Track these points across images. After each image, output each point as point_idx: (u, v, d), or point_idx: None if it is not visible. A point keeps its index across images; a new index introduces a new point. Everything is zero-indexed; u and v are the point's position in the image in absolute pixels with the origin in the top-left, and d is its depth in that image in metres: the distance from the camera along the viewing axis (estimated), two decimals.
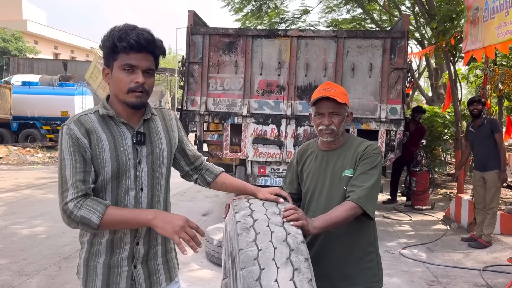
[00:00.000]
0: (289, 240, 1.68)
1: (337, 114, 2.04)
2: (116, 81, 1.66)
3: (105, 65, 1.70)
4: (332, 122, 2.04)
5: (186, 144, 1.97)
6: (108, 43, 1.63)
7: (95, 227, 1.57)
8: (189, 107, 5.89)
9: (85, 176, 1.62)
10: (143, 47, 1.62)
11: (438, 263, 5.08)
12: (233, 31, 5.95)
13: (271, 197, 1.95)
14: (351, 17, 15.78)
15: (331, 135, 2.06)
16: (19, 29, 34.16)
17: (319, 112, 2.07)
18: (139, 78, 1.63)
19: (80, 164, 1.62)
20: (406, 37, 5.66)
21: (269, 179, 5.92)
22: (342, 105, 2.05)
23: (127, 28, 1.62)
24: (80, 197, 1.59)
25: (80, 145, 1.63)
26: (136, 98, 1.65)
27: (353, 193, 1.95)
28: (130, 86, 1.64)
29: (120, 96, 1.67)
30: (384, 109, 5.64)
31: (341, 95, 2.04)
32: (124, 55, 1.62)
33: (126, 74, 1.64)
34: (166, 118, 1.88)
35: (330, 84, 2.09)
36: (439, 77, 13.15)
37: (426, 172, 8.25)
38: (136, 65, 1.63)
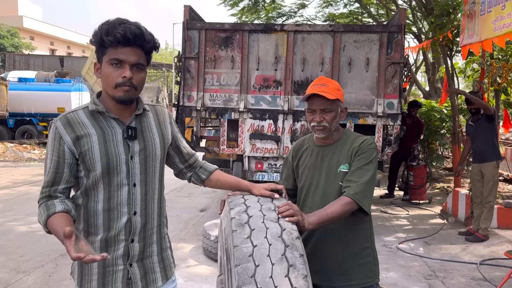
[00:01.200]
0: (284, 236, 1.67)
1: (328, 110, 2.03)
2: (105, 75, 1.64)
3: (97, 60, 1.68)
4: (323, 119, 2.03)
5: (181, 141, 1.95)
6: (96, 38, 1.61)
7: (46, 232, 1.62)
8: (185, 102, 5.86)
9: (55, 178, 1.65)
10: (131, 41, 1.60)
11: (435, 257, 5.10)
12: (229, 26, 5.92)
13: (266, 192, 1.94)
14: (348, 11, 15.73)
15: (323, 131, 2.05)
16: (14, 25, 33.92)
17: (310, 109, 2.06)
18: (126, 73, 1.61)
19: (54, 164, 1.65)
20: (403, 31, 5.64)
21: (266, 175, 5.91)
22: (334, 101, 2.03)
23: (115, 22, 1.60)
24: (43, 200, 1.64)
25: (61, 144, 1.64)
26: (124, 93, 1.63)
27: (349, 189, 1.94)
28: (118, 81, 1.62)
29: (109, 91, 1.66)
30: (381, 104, 5.62)
31: (333, 90, 2.02)
32: (112, 49, 1.60)
33: (114, 68, 1.62)
34: (159, 114, 1.86)
35: (323, 80, 2.07)
36: (436, 71, 13.14)
37: (423, 167, 8.26)
38: (124, 59, 1.61)
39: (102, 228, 1.69)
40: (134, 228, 1.72)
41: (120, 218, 1.70)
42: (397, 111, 5.62)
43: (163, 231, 1.87)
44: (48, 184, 1.66)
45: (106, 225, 1.70)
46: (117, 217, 1.70)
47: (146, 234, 1.77)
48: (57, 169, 1.65)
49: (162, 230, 1.86)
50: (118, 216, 1.70)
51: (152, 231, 1.79)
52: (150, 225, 1.78)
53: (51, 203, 1.62)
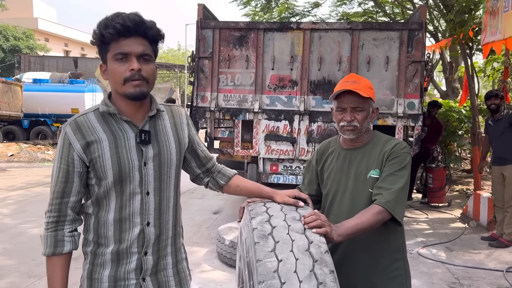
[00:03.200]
0: (312, 249, 1.52)
1: (360, 109, 1.88)
2: (111, 73, 1.51)
3: (102, 61, 1.55)
4: (354, 118, 1.87)
5: (198, 144, 1.81)
6: (96, 35, 1.48)
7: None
8: (199, 103, 5.74)
9: (65, 188, 1.54)
10: (132, 30, 1.47)
11: (458, 264, 4.89)
12: (244, 24, 5.79)
13: (290, 200, 1.79)
14: (363, 10, 15.49)
15: (354, 132, 1.90)
16: (30, 27, 34.33)
17: (340, 107, 1.90)
18: (134, 65, 1.47)
19: (63, 173, 1.54)
20: (424, 28, 5.45)
21: (282, 177, 5.76)
22: (366, 100, 1.88)
23: (113, 15, 1.48)
24: (53, 220, 1.56)
25: (70, 152, 1.52)
26: (134, 88, 1.49)
27: (381, 196, 1.78)
28: (126, 75, 1.48)
29: (118, 89, 1.52)
30: (402, 104, 5.43)
31: (366, 88, 1.87)
32: (114, 44, 1.48)
33: (120, 63, 1.48)
34: (175, 115, 1.72)
35: (354, 77, 1.92)
36: (454, 71, 12.84)
37: (442, 169, 8.02)
38: (129, 52, 1.47)
39: (113, 240, 1.57)
40: (147, 240, 1.59)
41: (132, 229, 1.57)
42: (418, 111, 5.43)
43: (179, 241, 1.74)
44: (58, 195, 1.54)
45: (117, 236, 1.57)
46: (129, 228, 1.57)
47: (161, 246, 1.63)
48: (67, 178, 1.53)
49: (177, 241, 1.72)
50: (130, 227, 1.57)
51: (166, 243, 1.66)
52: (165, 236, 1.65)
53: (61, 238, 1.54)
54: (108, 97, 1.60)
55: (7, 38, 31.49)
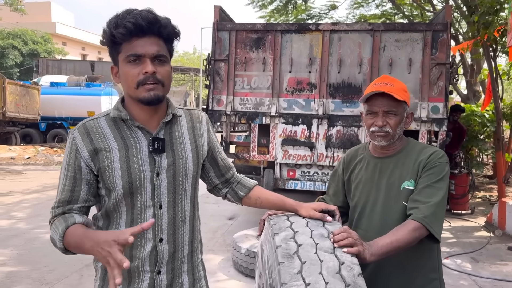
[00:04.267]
0: (343, 272, 1.35)
1: (393, 113, 1.70)
2: (124, 76, 1.38)
3: (113, 63, 1.42)
4: (387, 123, 1.70)
5: (219, 152, 1.66)
6: (106, 35, 1.35)
7: (61, 250, 1.36)
8: (215, 106, 5.61)
9: (71, 196, 1.40)
10: (145, 29, 1.33)
11: (485, 276, 4.65)
12: (261, 26, 5.64)
13: (317, 214, 1.62)
14: (381, 12, 15.23)
15: (385, 138, 1.72)
16: (48, 31, 34.82)
17: (372, 111, 1.72)
18: (148, 68, 1.34)
19: (69, 181, 1.40)
20: (449, 29, 5.22)
21: (299, 183, 5.59)
22: (400, 103, 1.71)
23: (124, 13, 1.34)
24: (56, 217, 1.41)
25: (77, 158, 1.39)
26: (148, 92, 1.36)
27: (417, 211, 1.60)
28: (139, 78, 1.35)
29: (131, 93, 1.39)
30: (425, 108, 5.22)
31: (400, 91, 1.70)
32: (126, 44, 1.34)
33: (132, 66, 1.35)
34: (195, 121, 1.57)
35: (388, 78, 1.75)
36: (476, 74, 12.50)
37: (465, 175, 7.74)
38: (142, 53, 1.34)
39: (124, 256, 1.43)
40: (160, 258, 1.45)
41: (144, 246, 1.43)
42: (442, 115, 5.20)
43: (196, 258, 1.58)
44: (64, 204, 1.41)
45: (128, 254, 1.43)
46: (141, 245, 1.43)
47: (175, 264, 1.49)
48: (74, 187, 1.40)
49: (194, 258, 1.57)
50: (142, 244, 1.43)
51: (182, 260, 1.51)
52: (180, 254, 1.50)
53: (69, 215, 1.37)
54: (121, 101, 1.47)
55: (26, 42, 31.99)
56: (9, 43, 31.02)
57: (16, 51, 31.28)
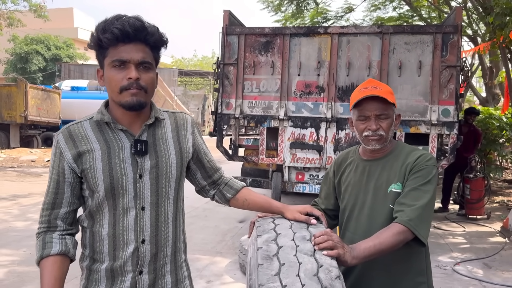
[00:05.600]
0: (321, 274, 1.35)
1: (385, 116, 1.70)
2: (108, 80, 1.41)
3: (99, 66, 1.46)
4: (380, 127, 1.70)
5: (205, 154, 1.68)
6: (93, 39, 1.39)
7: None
8: (223, 110, 5.66)
9: (55, 199, 1.46)
10: (131, 36, 1.37)
11: (497, 282, 4.55)
12: (269, 30, 5.66)
13: (301, 217, 1.63)
14: (398, 14, 15.08)
15: (379, 141, 1.72)
16: (70, 37, 35.65)
17: (363, 115, 1.72)
18: (132, 73, 1.37)
19: (53, 183, 1.47)
20: (459, 31, 5.14)
21: (308, 186, 5.57)
22: (390, 106, 1.71)
23: (112, 18, 1.38)
24: (42, 229, 1.48)
25: (61, 161, 1.45)
26: (131, 97, 1.39)
27: (402, 214, 1.60)
28: (122, 84, 1.38)
29: (114, 97, 1.43)
30: (436, 111, 5.14)
31: (388, 94, 1.70)
32: (112, 49, 1.38)
33: (117, 71, 1.39)
34: (179, 123, 1.60)
35: (374, 82, 1.75)
36: (494, 76, 12.26)
37: (481, 179, 7.58)
38: (127, 59, 1.38)
39: (108, 256, 1.47)
40: (142, 259, 1.48)
41: (126, 246, 1.46)
42: (453, 118, 5.12)
43: (180, 258, 1.61)
44: (48, 207, 1.48)
45: (112, 253, 1.47)
46: (123, 246, 1.46)
47: (158, 264, 1.51)
48: (57, 189, 1.46)
49: (178, 258, 1.59)
50: (124, 245, 1.46)
51: (165, 261, 1.54)
52: (163, 254, 1.53)
53: (49, 240, 1.44)
54: (105, 105, 1.51)
55: (48, 48, 32.82)
56: (33, 49, 31.89)
57: (39, 56, 32.13)
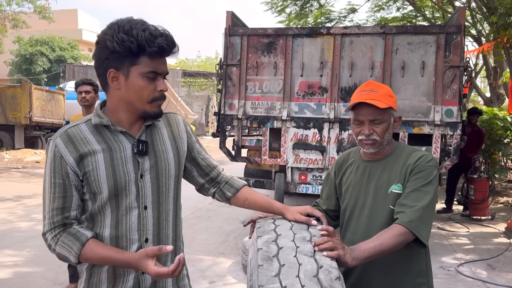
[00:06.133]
0: (320, 275, 1.35)
1: (379, 121, 1.70)
2: (137, 89, 1.42)
3: (113, 67, 1.42)
4: (373, 131, 1.70)
5: (198, 152, 1.70)
6: (132, 45, 1.36)
7: (75, 263, 1.44)
8: (226, 111, 5.67)
9: (64, 203, 1.43)
10: (169, 52, 1.42)
11: (501, 283, 4.53)
12: (272, 31, 5.67)
13: (302, 218, 1.63)
14: (401, 15, 15.05)
15: (373, 146, 1.73)
16: (74, 38, 35.76)
17: (357, 120, 1.73)
18: (163, 86, 1.44)
19: (59, 188, 1.43)
20: (463, 31, 5.12)
21: (311, 187, 5.57)
22: (386, 110, 1.70)
23: (149, 28, 1.39)
24: (58, 229, 1.44)
25: (62, 165, 1.42)
26: (159, 108, 1.47)
27: (403, 215, 1.60)
28: (155, 95, 1.44)
29: (139, 105, 1.45)
30: (439, 111, 5.13)
31: (384, 97, 1.69)
32: (148, 59, 1.39)
33: (149, 81, 1.42)
34: (172, 124, 1.62)
35: (372, 85, 1.74)
36: (499, 76, 12.21)
37: (485, 180, 7.55)
38: (160, 72, 1.43)
39: None
40: None
41: (129, 246, 1.47)
42: (456, 119, 5.10)
43: None
44: (58, 212, 1.43)
45: None
46: (126, 245, 1.47)
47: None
48: (65, 193, 1.43)
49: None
50: (128, 244, 1.47)
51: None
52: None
53: (75, 231, 1.42)
54: (99, 107, 1.52)
55: (53, 49, 32.94)
56: (37, 50, 32.02)
57: (44, 58, 32.25)
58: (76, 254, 1.40)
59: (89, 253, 1.40)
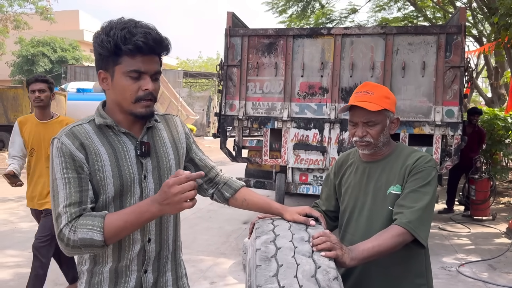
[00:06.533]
0: (318, 276, 1.36)
1: (373, 123, 1.70)
2: (120, 89, 1.41)
3: (102, 69, 1.44)
4: (367, 133, 1.71)
5: (195, 153, 1.71)
6: (109, 45, 1.36)
7: (101, 244, 1.34)
8: (227, 111, 5.67)
9: (81, 197, 1.38)
10: (151, 49, 1.38)
11: (502, 284, 4.52)
12: (273, 31, 5.67)
13: (300, 218, 1.63)
14: (403, 15, 15.05)
15: (368, 147, 1.74)
16: (76, 39, 35.83)
17: (352, 121, 1.75)
18: (148, 85, 1.40)
19: (74, 183, 1.38)
20: (463, 32, 5.12)
21: (311, 187, 5.56)
22: (380, 112, 1.70)
23: (129, 26, 1.36)
24: (74, 221, 1.35)
25: (76, 160, 1.39)
26: (145, 108, 1.43)
27: (401, 216, 1.60)
28: (138, 94, 1.41)
29: (125, 105, 1.43)
30: (440, 112, 5.13)
31: (379, 99, 1.69)
32: (129, 58, 1.38)
33: (132, 81, 1.40)
34: (171, 125, 1.63)
35: (368, 86, 1.75)
36: (500, 76, 12.19)
37: (486, 180, 7.54)
38: (144, 70, 1.39)
39: (112, 257, 1.47)
40: (148, 258, 1.50)
41: (132, 246, 1.48)
42: (457, 119, 5.10)
43: (179, 256, 1.65)
44: (75, 206, 1.36)
45: (117, 254, 1.47)
46: (129, 245, 1.47)
47: (161, 262, 1.55)
48: (81, 187, 1.39)
49: (177, 255, 1.63)
50: (130, 245, 1.48)
51: (167, 258, 1.57)
52: (165, 252, 1.56)
53: (87, 214, 1.37)
54: (101, 107, 1.52)
55: (55, 50, 33.00)
56: (39, 51, 32.08)
57: (45, 59, 32.31)
58: (100, 228, 1.33)
59: (112, 223, 1.34)
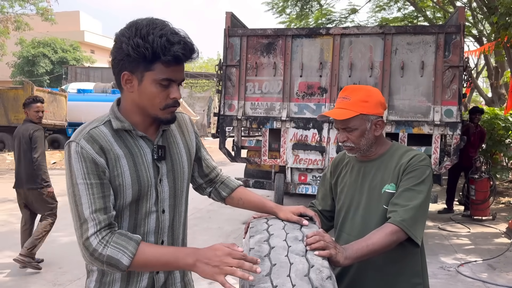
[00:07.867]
0: (311, 275, 1.35)
1: (350, 129, 1.70)
2: (149, 95, 1.37)
3: (127, 70, 1.37)
4: (347, 138, 1.72)
5: (202, 152, 1.71)
6: (147, 52, 1.30)
7: (124, 269, 1.32)
8: (226, 111, 5.68)
9: (106, 203, 1.35)
10: (185, 59, 1.35)
11: (501, 284, 4.51)
12: (271, 31, 5.68)
13: (294, 217, 1.63)
14: (403, 15, 15.04)
15: (351, 151, 1.77)
16: (77, 40, 35.87)
17: (335, 127, 1.80)
18: (176, 94, 1.39)
19: (97, 188, 1.34)
20: (462, 31, 5.12)
21: (310, 187, 5.57)
22: (356, 118, 1.68)
23: (167, 33, 1.31)
24: (105, 231, 1.33)
25: (98, 165, 1.35)
26: (171, 114, 1.43)
27: (395, 214, 1.60)
28: (167, 102, 1.39)
29: (152, 111, 1.40)
30: (438, 111, 5.12)
31: (354, 105, 1.68)
32: (163, 67, 1.33)
33: (162, 88, 1.36)
34: (181, 124, 1.61)
35: (347, 91, 1.74)
36: (500, 76, 12.17)
37: (486, 180, 7.53)
38: (175, 79, 1.37)
39: None
40: None
41: None
42: (456, 119, 5.09)
43: None
44: (102, 212, 1.33)
45: None
46: None
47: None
48: (103, 192, 1.35)
49: None
50: None
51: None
52: None
53: (124, 233, 1.35)
54: (116, 108, 1.47)
55: (55, 51, 33.03)
56: (40, 52, 32.12)
57: (46, 59, 32.35)
58: (132, 254, 1.30)
59: (144, 254, 1.32)
